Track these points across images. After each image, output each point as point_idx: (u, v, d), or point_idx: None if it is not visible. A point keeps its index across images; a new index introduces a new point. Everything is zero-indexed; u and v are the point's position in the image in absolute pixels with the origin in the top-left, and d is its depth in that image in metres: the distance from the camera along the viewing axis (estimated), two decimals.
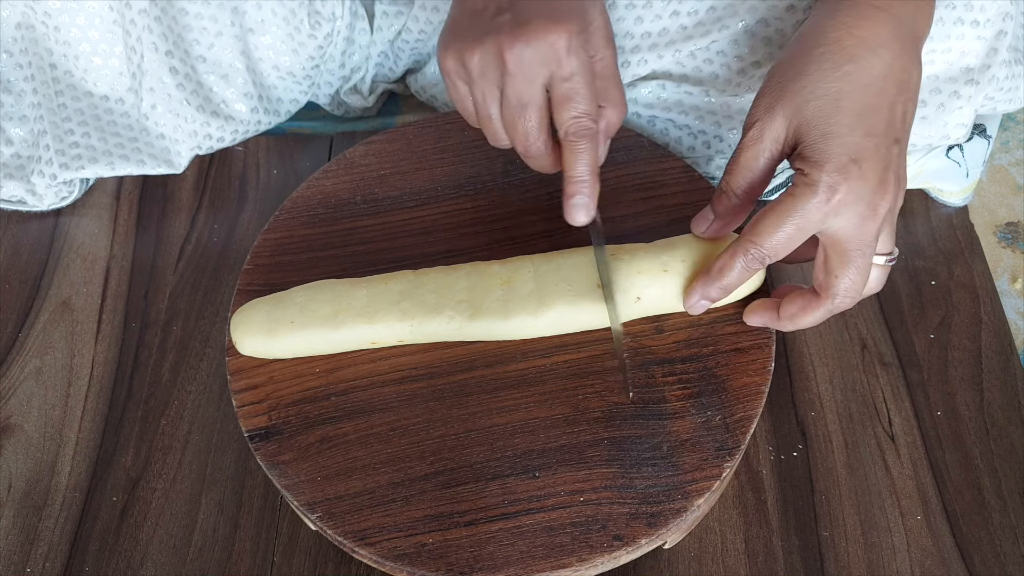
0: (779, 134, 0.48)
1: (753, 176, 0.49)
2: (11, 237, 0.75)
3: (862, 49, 0.47)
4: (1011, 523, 0.60)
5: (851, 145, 0.46)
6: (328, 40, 0.75)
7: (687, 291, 0.53)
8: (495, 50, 0.48)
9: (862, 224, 0.47)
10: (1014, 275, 0.73)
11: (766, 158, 0.49)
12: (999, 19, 0.59)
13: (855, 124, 0.46)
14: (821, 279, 0.49)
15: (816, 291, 0.50)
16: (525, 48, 0.47)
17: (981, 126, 0.73)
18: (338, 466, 0.51)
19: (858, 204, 0.46)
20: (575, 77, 0.48)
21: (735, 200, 0.50)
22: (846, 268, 0.48)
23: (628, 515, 0.49)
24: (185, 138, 0.73)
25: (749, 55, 0.63)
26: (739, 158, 0.49)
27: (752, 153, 0.49)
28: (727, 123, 0.66)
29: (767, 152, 0.48)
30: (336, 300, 0.54)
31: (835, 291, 0.49)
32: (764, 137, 0.48)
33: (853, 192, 0.46)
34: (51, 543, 0.60)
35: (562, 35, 0.47)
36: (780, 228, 0.47)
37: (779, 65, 0.49)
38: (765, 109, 0.48)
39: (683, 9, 0.63)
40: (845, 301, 0.49)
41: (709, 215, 0.53)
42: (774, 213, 0.47)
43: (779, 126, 0.48)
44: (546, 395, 0.53)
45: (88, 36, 0.68)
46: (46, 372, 0.68)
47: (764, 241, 0.48)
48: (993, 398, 0.65)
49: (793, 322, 0.52)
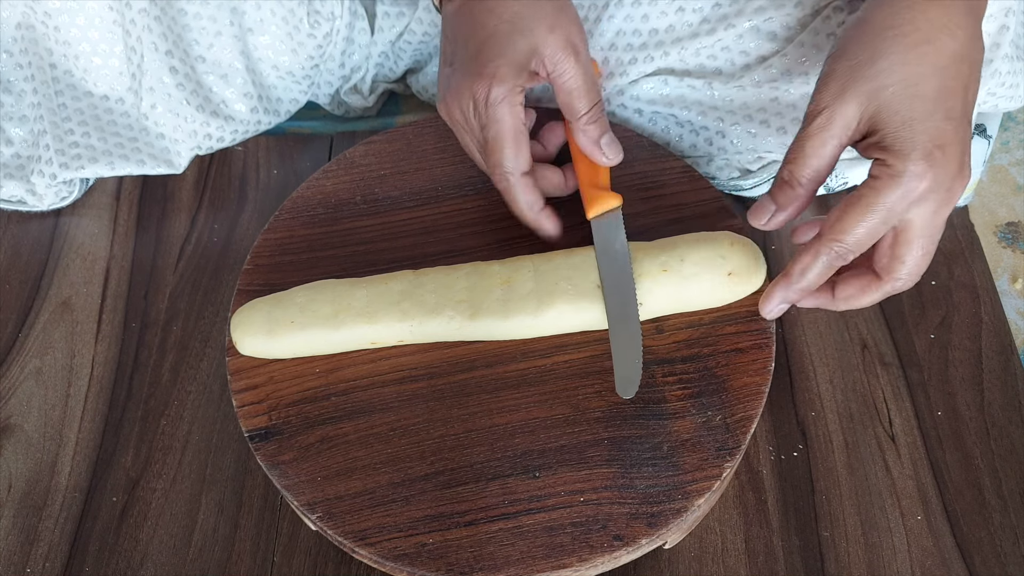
0: (851, 120, 0.46)
1: (820, 164, 0.47)
2: (11, 237, 0.75)
3: (938, 31, 0.45)
4: (1012, 523, 0.60)
5: (933, 130, 0.45)
6: (327, 40, 0.75)
7: (766, 297, 0.52)
8: (445, 109, 0.55)
9: (939, 210, 0.46)
10: (1014, 275, 0.73)
11: (834, 145, 0.47)
12: (1001, 14, 0.58)
13: (935, 108, 0.45)
14: (885, 262, 0.48)
15: (876, 273, 0.49)
16: (459, 101, 0.53)
17: (981, 126, 0.73)
18: (338, 466, 0.51)
19: (940, 191, 0.45)
20: (488, 127, 0.53)
21: (800, 190, 0.49)
22: (914, 253, 0.47)
23: (628, 515, 0.49)
24: (185, 138, 0.73)
25: (755, 50, 0.63)
26: (804, 145, 0.47)
27: (819, 140, 0.47)
28: (729, 118, 0.66)
29: (836, 139, 0.47)
30: (336, 300, 0.54)
31: (899, 274, 0.48)
32: (834, 123, 0.46)
33: (937, 180, 0.45)
34: (51, 543, 0.60)
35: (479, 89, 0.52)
36: (864, 222, 0.46)
37: (845, 48, 0.47)
38: (835, 94, 0.46)
39: (688, 6, 0.63)
40: (908, 283, 0.48)
41: (770, 206, 0.50)
42: (857, 207, 0.46)
43: (851, 112, 0.46)
44: (546, 395, 0.53)
45: (88, 36, 0.68)
46: (46, 372, 0.68)
47: (848, 237, 0.46)
48: (993, 398, 0.65)
49: (848, 303, 0.51)
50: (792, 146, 0.48)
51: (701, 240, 0.55)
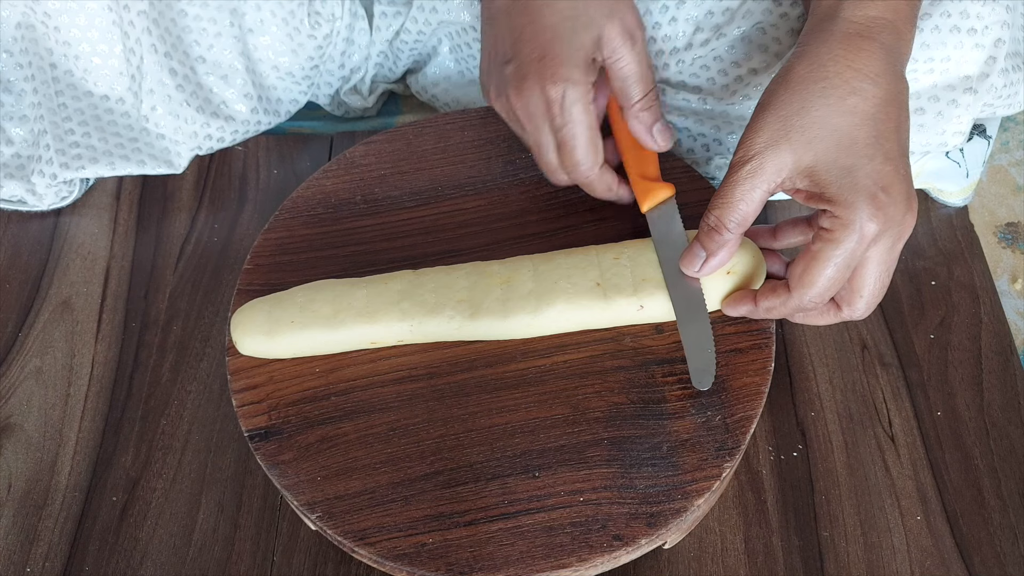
0: (781, 169, 0.47)
1: (747, 209, 0.48)
2: (11, 237, 0.75)
3: (862, 80, 0.47)
4: (1011, 523, 0.60)
5: (875, 174, 0.46)
6: (328, 40, 0.75)
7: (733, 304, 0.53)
8: (507, 105, 0.54)
9: (894, 246, 0.47)
10: (1014, 275, 0.73)
11: (762, 191, 0.48)
12: (997, 27, 0.58)
13: (873, 152, 0.46)
14: (844, 295, 0.50)
15: (837, 303, 0.51)
16: (528, 103, 0.53)
17: (981, 126, 0.73)
18: (338, 466, 0.51)
19: (892, 229, 0.46)
20: (565, 127, 0.52)
21: (728, 235, 0.50)
22: (871, 286, 0.48)
23: (628, 515, 0.49)
24: (185, 139, 0.73)
25: (745, 61, 0.63)
26: (732, 193, 0.48)
27: (749, 186, 0.48)
28: (726, 127, 0.66)
29: (764, 186, 0.48)
30: (336, 300, 0.54)
31: (857, 306, 0.50)
32: (764, 172, 0.47)
33: (888, 220, 0.46)
34: (51, 543, 0.60)
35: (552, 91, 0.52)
36: (826, 274, 0.47)
37: (773, 100, 0.48)
38: (767, 144, 0.47)
39: (680, 16, 0.63)
40: (865, 312, 0.50)
41: (700, 253, 0.51)
42: (817, 262, 0.47)
43: (785, 162, 0.47)
44: (546, 395, 0.53)
45: (88, 36, 0.68)
46: (46, 372, 0.68)
47: (813, 291, 0.48)
48: (993, 398, 0.65)
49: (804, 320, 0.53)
50: (719, 192, 0.49)
51: None
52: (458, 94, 0.79)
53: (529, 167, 0.63)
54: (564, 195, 0.61)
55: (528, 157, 0.64)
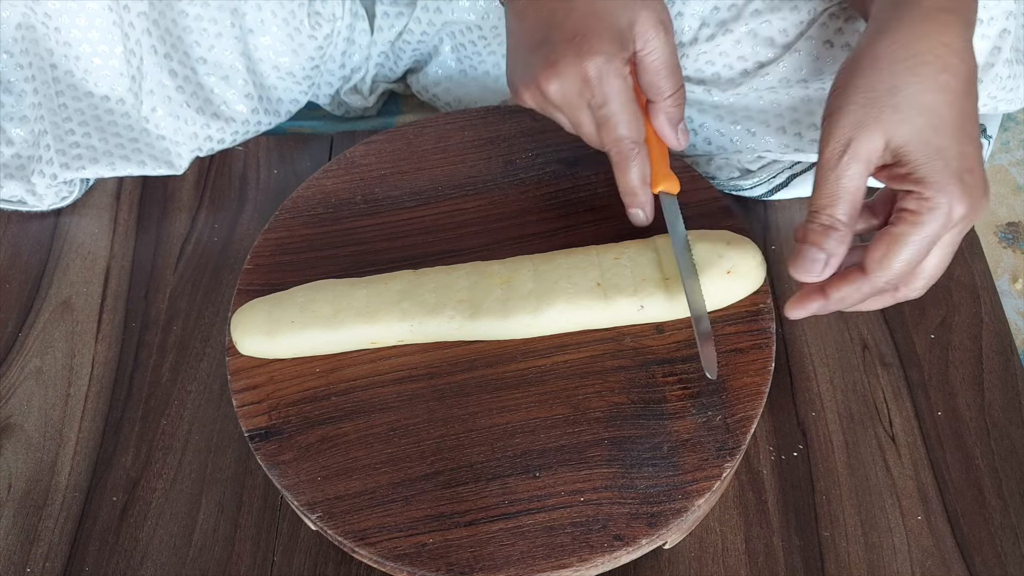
0: (875, 150, 0.45)
1: (855, 199, 0.46)
2: (11, 237, 0.75)
3: (952, 57, 0.45)
4: (1012, 523, 0.60)
5: (962, 156, 0.45)
6: (328, 40, 0.75)
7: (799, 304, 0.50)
8: (537, 92, 0.52)
9: (966, 229, 0.46)
10: (1014, 275, 0.73)
11: (863, 177, 0.46)
12: (1003, 17, 0.58)
13: (959, 134, 0.45)
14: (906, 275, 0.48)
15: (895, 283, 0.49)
16: (561, 85, 0.50)
17: (981, 126, 0.73)
18: (338, 466, 0.51)
19: (973, 212, 0.45)
20: (607, 104, 0.50)
21: (844, 230, 0.46)
22: (937, 267, 0.47)
23: (628, 515, 0.49)
24: (186, 140, 0.73)
25: (752, 55, 0.63)
26: (837, 184, 0.46)
27: (851, 173, 0.46)
28: (729, 117, 0.66)
29: (865, 172, 0.46)
30: (336, 300, 0.54)
31: (916, 286, 0.48)
32: (859, 157, 0.45)
33: (972, 203, 0.45)
34: (51, 543, 0.60)
35: (590, 67, 0.49)
36: (908, 256, 0.45)
37: (858, 80, 0.46)
38: (855, 126, 0.45)
39: (687, 11, 0.63)
40: (923, 291, 0.49)
41: (819, 256, 0.47)
42: (901, 243, 0.45)
43: (876, 143, 0.45)
44: (546, 395, 0.53)
45: (88, 37, 0.68)
46: (46, 372, 0.68)
47: (892, 273, 0.46)
48: (994, 398, 0.65)
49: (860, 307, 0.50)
50: (818, 188, 0.47)
51: (699, 238, 0.55)
52: (459, 93, 0.79)
53: (529, 167, 0.63)
54: (564, 195, 0.61)
55: (528, 157, 0.64)
